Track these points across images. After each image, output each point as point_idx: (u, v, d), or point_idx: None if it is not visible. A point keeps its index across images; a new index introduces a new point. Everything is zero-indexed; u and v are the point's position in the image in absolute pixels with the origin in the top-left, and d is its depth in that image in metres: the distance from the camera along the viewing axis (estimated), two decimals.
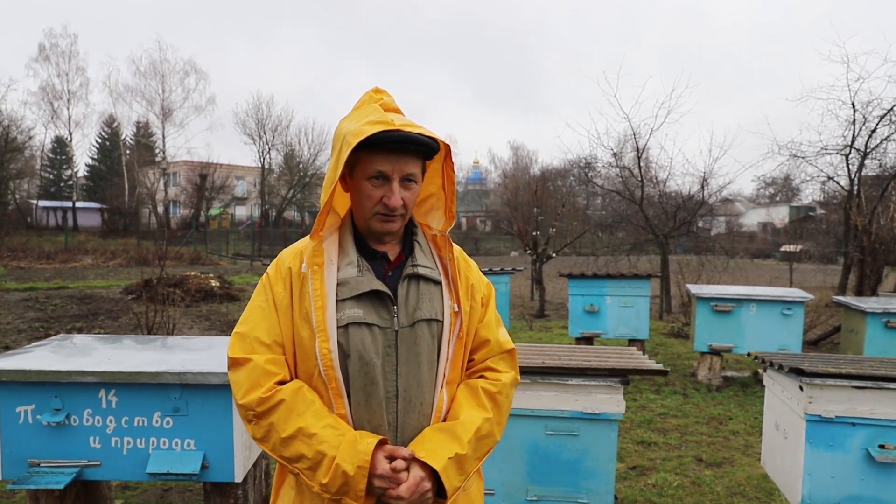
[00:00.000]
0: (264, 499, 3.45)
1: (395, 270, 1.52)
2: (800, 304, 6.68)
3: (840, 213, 13.14)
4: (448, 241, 1.58)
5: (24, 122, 48.21)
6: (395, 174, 1.44)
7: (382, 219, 1.47)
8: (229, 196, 44.77)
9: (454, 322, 1.52)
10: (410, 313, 1.48)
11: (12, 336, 8.83)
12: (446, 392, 1.53)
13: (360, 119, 1.43)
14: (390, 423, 1.46)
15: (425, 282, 1.52)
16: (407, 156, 1.45)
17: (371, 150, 1.42)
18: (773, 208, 39.94)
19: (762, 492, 4.03)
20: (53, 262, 21.43)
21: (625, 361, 3.02)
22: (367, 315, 1.45)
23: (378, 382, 1.44)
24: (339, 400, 1.44)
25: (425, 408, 1.49)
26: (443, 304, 1.52)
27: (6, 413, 2.88)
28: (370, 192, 1.46)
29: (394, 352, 1.46)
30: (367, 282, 1.47)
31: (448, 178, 1.57)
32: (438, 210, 1.61)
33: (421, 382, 1.48)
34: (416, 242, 1.56)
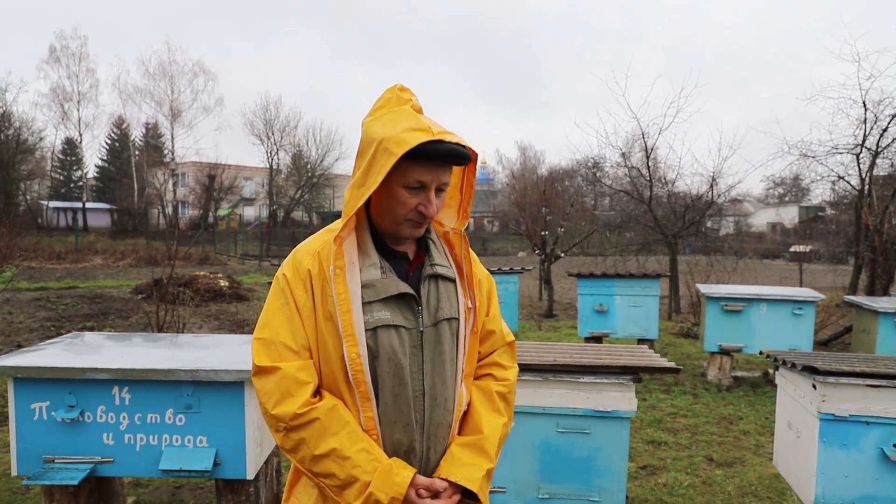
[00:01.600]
0: (275, 496, 3.46)
1: (415, 271, 1.54)
2: (811, 303, 6.64)
3: (850, 212, 13.04)
4: (463, 238, 1.59)
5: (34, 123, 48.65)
6: (433, 183, 1.44)
7: (414, 225, 1.48)
8: (237, 196, 44.93)
9: (468, 318, 1.56)
10: (433, 313, 1.51)
11: (24, 335, 8.90)
12: (465, 385, 1.58)
13: (395, 124, 1.39)
14: (417, 421, 1.48)
15: (443, 280, 1.55)
16: (445, 165, 1.45)
17: (411, 159, 1.38)
18: (782, 208, 39.66)
19: (774, 491, 4.01)
20: (64, 262, 21.59)
21: (636, 359, 3.01)
22: (394, 317, 1.46)
23: (407, 383, 1.46)
24: (366, 403, 1.44)
25: (449, 403, 1.53)
26: (457, 301, 1.56)
27: (21, 409, 2.91)
28: (405, 200, 1.44)
29: (419, 351, 1.49)
30: (394, 284, 1.47)
31: (468, 182, 1.58)
32: (451, 208, 1.61)
33: (445, 379, 1.52)
34: (431, 241, 1.58)
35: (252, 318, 10.66)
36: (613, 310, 7.67)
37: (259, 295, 13.65)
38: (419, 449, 1.49)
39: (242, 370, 2.86)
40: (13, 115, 36.40)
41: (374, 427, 1.45)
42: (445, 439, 1.54)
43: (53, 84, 44.66)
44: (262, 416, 3.09)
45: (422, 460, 1.50)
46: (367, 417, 1.45)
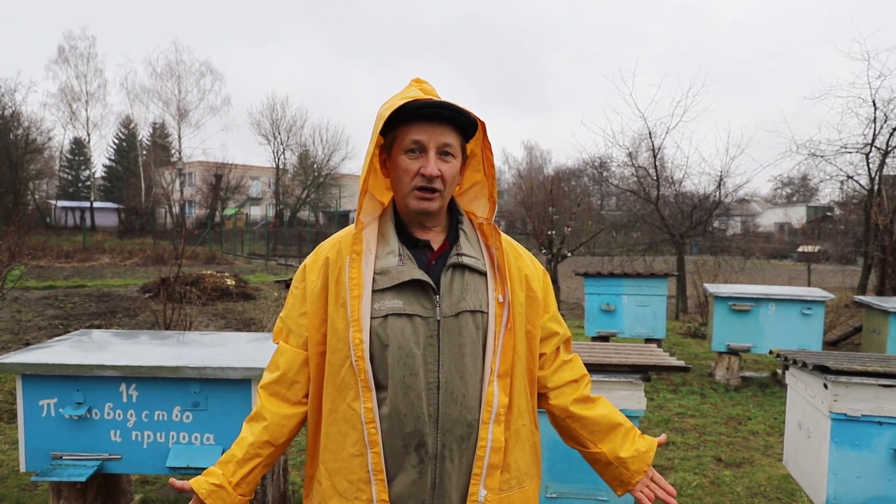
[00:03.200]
0: (282, 494, 3.45)
1: (438, 259, 1.48)
2: (820, 303, 6.59)
3: (860, 212, 12.97)
4: (495, 229, 1.52)
5: (43, 123, 49.10)
6: (431, 143, 1.41)
7: (420, 195, 1.43)
8: (244, 196, 45.09)
9: (500, 314, 1.46)
10: (454, 303, 1.43)
11: (33, 333, 8.94)
12: (498, 386, 1.45)
13: (394, 98, 1.43)
14: (430, 415, 1.41)
15: (470, 272, 1.47)
16: (443, 125, 1.42)
17: (407, 123, 1.42)
18: (790, 208, 39.48)
19: (783, 492, 3.98)
20: (72, 261, 21.71)
21: (645, 358, 2.99)
22: (407, 305, 1.41)
23: (418, 373, 1.40)
24: (366, 393, 1.40)
25: (469, 400, 1.43)
26: (488, 294, 1.47)
27: (30, 406, 2.91)
28: (407, 166, 1.43)
29: (436, 342, 1.41)
30: (408, 271, 1.42)
31: (487, 159, 1.52)
32: (483, 198, 1.56)
33: (464, 374, 1.42)
34: (462, 231, 1.51)
35: (258, 316, 10.67)
36: (620, 309, 7.64)
37: (265, 294, 13.67)
38: (431, 445, 1.41)
39: (249, 368, 2.85)
40: (22, 115, 36.71)
41: (372, 419, 1.40)
42: (465, 440, 1.43)
43: (62, 84, 45.04)
44: None
45: (435, 458, 1.42)
46: (366, 409, 1.40)
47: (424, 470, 1.42)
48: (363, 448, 1.42)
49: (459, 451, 1.43)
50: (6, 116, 35.38)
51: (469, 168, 1.55)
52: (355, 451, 1.43)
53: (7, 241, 7.78)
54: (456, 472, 1.43)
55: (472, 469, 1.44)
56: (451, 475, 1.43)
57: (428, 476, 1.42)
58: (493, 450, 1.45)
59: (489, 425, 1.44)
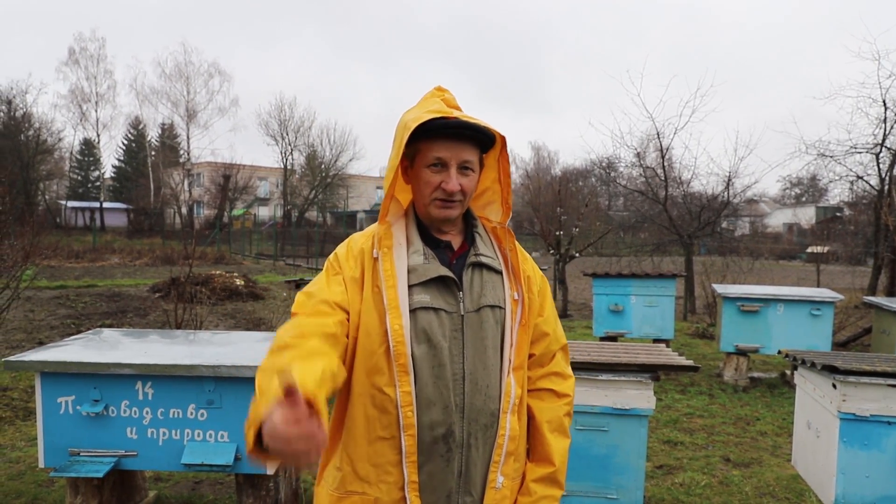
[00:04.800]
0: (294, 491, 3.49)
1: (458, 259, 1.57)
2: (829, 304, 6.58)
3: (869, 213, 12.90)
4: (509, 232, 1.62)
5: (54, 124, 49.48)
6: (452, 160, 1.49)
7: (441, 204, 1.52)
8: (252, 197, 45.23)
9: (515, 309, 1.56)
10: (476, 299, 1.52)
11: (45, 332, 9.03)
12: (514, 378, 1.55)
13: (419, 109, 1.51)
14: (457, 405, 1.48)
15: (488, 270, 1.56)
16: (464, 143, 1.50)
17: (430, 139, 1.49)
18: (799, 209, 39.25)
19: (792, 492, 3.99)
20: (82, 261, 21.88)
21: (655, 358, 3.01)
22: (434, 300, 1.49)
23: (446, 364, 1.47)
24: (404, 377, 1.45)
25: (491, 391, 1.52)
26: (504, 292, 1.57)
27: (48, 403, 2.97)
28: (429, 179, 1.51)
29: (460, 335, 1.50)
30: (435, 268, 1.51)
31: (504, 170, 1.61)
32: (495, 203, 1.66)
33: (487, 365, 1.51)
34: (477, 234, 1.61)
35: (268, 316, 10.74)
36: (629, 310, 7.64)
37: (274, 294, 13.75)
38: (458, 434, 1.48)
39: None
40: (33, 117, 37.02)
41: (409, 402, 1.45)
42: (489, 429, 1.51)
43: (72, 85, 45.30)
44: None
45: (462, 447, 1.49)
46: (403, 392, 1.45)
47: (452, 458, 1.49)
48: (395, 431, 1.47)
49: (484, 440, 1.52)
50: (17, 118, 35.70)
51: (482, 174, 1.62)
52: (385, 434, 1.48)
53: (21, 241, 7.86)
54: (480, 461, 1.52)
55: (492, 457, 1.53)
56: (477, 463, 1.51)
57: (455, 464, 1.49)
58: (511, 438, 1.55)
59: (507, 415, 1.54)
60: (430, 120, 1.44)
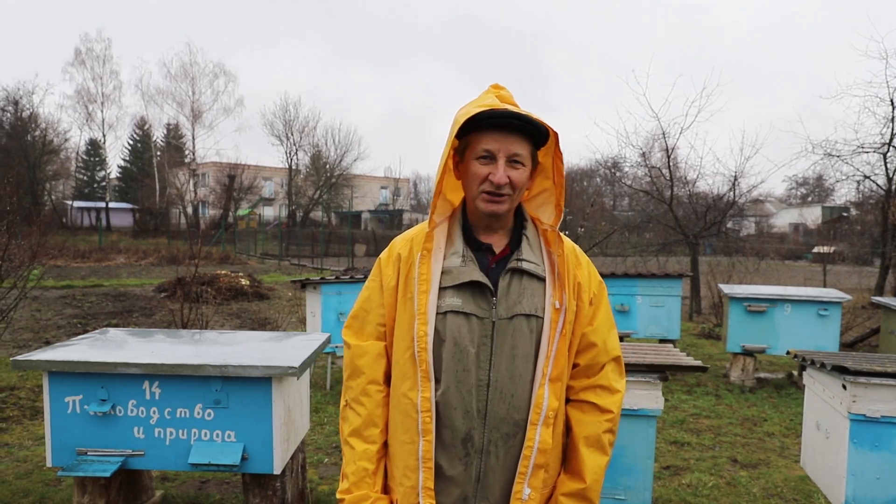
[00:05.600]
0: (301, 491, 3.49)
1: (499, 263, 1.54)
2: (837, 304, 6.54)
3: (877, 213, 12.83)
4: (559, 237, 1.56)
5: (60, 125, 49.69)
6: (501, 152, 1.46)
7: (488, 198, 1.48)
8: (257, 196, 45.35)
9: (556, 319, 1.50)
10: (510, 306, 1.49)
11: (52, 332, 9.07)
12: (549, 390, 1.50)
13: (473, 104, 1.48)
14: (479, 411, 1.48)
15: (528, 277, 1.52)
16: (513, 135, 1.47)
17: (480, 131, 1.47)
18: (805, 209, 39.09)
19: (800, 493, 3.96)
20: (88, 261, 21.98)
21: (662, 358, 2.99)
22: (465, 304, 1.48)
23: (470, 370, 1.47)
24: (426, 383, 1.47)
25: (517, 400, 1.49)
26: (545, 300, 1.51)
27: (56, 403, 2.97)
28: (477, 171, 1.48)
29: (489, 342, 1.48)
30: (469, 272, 1.49)
31: (557, 168, 1.56)
32: (550, 205, 1.60)
33: (514, 375, 1.48)
34: (525, 236, 1.56)
35: (273, 316, 10.76)
36: (635, 310, 7.62)
37: (279, 294, 13.77)
38: (478, 440, 1.47)
39: (270, 366, 2.89)
40: (39, 117, 37.25)
41: (429, 409, 1.47)
42: (512, 438, 1.49)
43: (78, 86, 45.46)
44: (290, 409, 3.14)
45: (481, 453, 1.48)
46: (424, 398, 1.47)
47: (470, 463, 1.49)
48: (415, 436, 1.48)
49: (505, 448, 1.50)
50: (24, 118, 35.90)
51: (539, 175, 1.59)
52: (406, 438, 1.50)
53: (28, 241, 7.90)
54: (500, 468, 1.50)
55: (516, 467, 1.50)
56: (496, 470, 1.50)
57: (473, 469, 1.49)
58: (541, 451, 1.50)
59: (538, 426, 1.49)
60: (478, 113, 1.42)
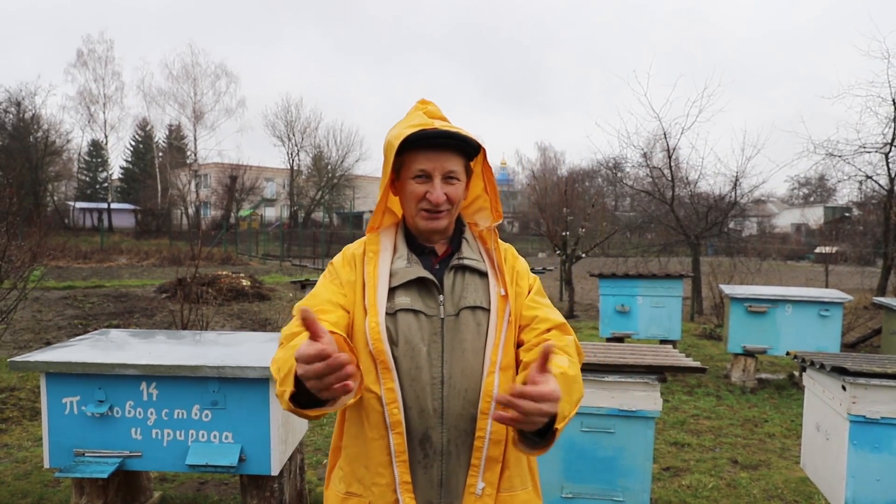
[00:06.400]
0: (299, 492, 3.49)
1: (441, 262, 1.59)
2: (838, 305, 6.52)
3: (879, 213, 12.80)
4: (493, 232, 1.65)
5: (62, 126, 49.72)
6: (436, 171, 1.51)
7: (427, 216, 1.54)
8: (259, 197, 45.36)
9: (503, 307, 1.53)
10: (456, 302, 1.52)
11: (53, 332, 9.08)
12: (500, 377, 1.48)
13: (401, 125, 1.54)
14: (435, 409, 1.46)
15: (471, 273, 1.56)
16: (447, 153, 1.52)
17: (413, 151, 1.52)
18: (807, 209, 39.01)
19: (801, 495, 3.95)
20: (90, 262, 22.00)
21: (661, 359, 2.98)
22: (414, 302, 1.50)
23: (423, 367, 1.46)
24: (386, 374, 1.45)
25: (470, 394, 1.48)
26: (489, 292, 1.55)
27: (53, 404, 2.97)
28: (414, 190, 1.53)
29: (440, 339, 1.49)
30: (415, 270, 1.53)
31: (488, 179, 1.64)
32: (485, 210, 1.68)
33: (465, 369, 1.48)
34: (465, 239, 1.62)
35: (274, 317, 10.76)
36: (636, 310, 7.61)
37: (280, 294, 13.77)
38: (436, 440, 1.45)
39: (267, 367, 2.88)
40: (42, 118, 37.28)
41: (394, 399, 1.44)
42: (470, 435, 1.46)
43: (80, 87, 45.52)
44: (285, 413, 3.12)
45: (441, 454, 1.46)
46: (387, 389, 1.45)
47: (430, 465, 1.45)
48: (384, 431, 1.45)
49: (465, 448, 1.46)
50: (26, 119, 35.94)
51: (471, 183, 1.65)
52: (374, 434, 1.46)
53: (29, 242, 7.91)
54: (462, 470, 1.46)
55: None
56: (458, 472, 1.46)
57: (434, 472, 1.45)
58: (494, 442, 1.46)
59: (489, 416, 1.45)
60: (410, 134, 1.46)
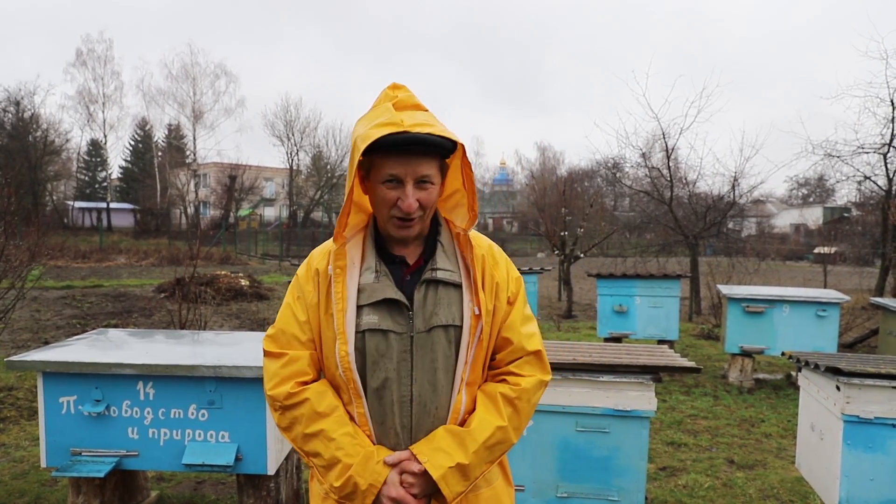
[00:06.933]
0: (295, 492, 3.49)
1: (413, 274, 1.50)
2: (835, 305, 6.53)
3: (877, 213, 12.81)
4: (469, 240, 1.53)
5: (61, 125, 49.70)
6: (407, 177, 1.40)
7: (399, 223, 1.45)
8: (258, 197, 45.37)
9: (475, 325, 1.47)
10: (427, 319, 1.46)
11: (51, 332, 9.08)
12: (466, 394, 1.50)
13: (369, 121, 1.40)
14: (404, 426, 1.47)
15: (444, 286, 1.49)
16: (419, 157, 1.40)
17: (383, 154, 1.40)
18: (806, 209, 39.02)
19: (796, 495, 3.96)
20: (89, 262, 21.99)
21: (656, 359, 2.99)
22: (382, 321, 1.45)
23: (391, 387, 1.46)
24: (357, 399, 1.47)
25: (440, 411, 1.48)
26: (462, 308, 1.48)
27: (50, 403, 2.97)
28: (384, 196, 1.43)
29: (409, 357, 1.46)
30: (383, 289, 1.46)
31: (467, 176, 1.52)
32: (463, 207, 1.56)
33: (436, 387, 1.47)
34: (440, 243, 1.53)
35: (272, 316, 10.76)
36: (633, 311, 7.62)
37: (279, 294, 13.78)
38: None
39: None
40: (41, 118, 37.25)
41: (366, 423, 1.48)
42: None
43: (80, 87, 45.45)
44: None
45: None
46: (359, 413, 1.48)
47: None
48: None
49: None
50: (25, 119, 35.92)
51: (449, 176, 1.54)
52: None
53: (27, 242, 7.91)
54: None
55: None
56: None
57: None
58: None
59: None
60: (380, 138, 1.34)
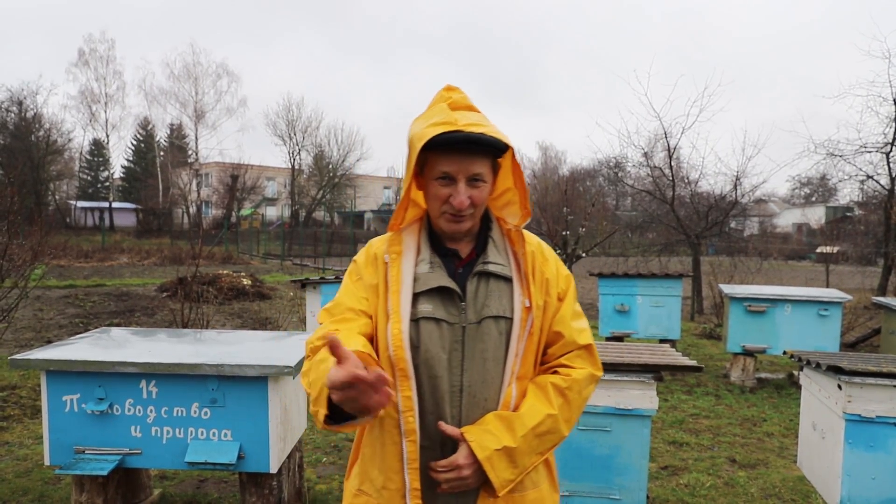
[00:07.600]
0: (297, 490, 3.50)
1: (465, 267, 1.54)
2: (837, 304, 6.53)
3: (880, 212, 12.80)
4: (521, 235, 1.57)
5: (63, 125, 49.90)
6: (460, 174, 1.45)
7: (450, 219, 1.49)
8: (260, 197, 45.42)
9: (525, 318, 1.50)
10: (479, 310, 1.48)
11: (54, 331, 9.10)
12: (516, 387, 1.50)
13: (427, 120, 1.46)
14: (453, 416, 1.46)
15: (495, 279, 1.51)
16: (473, 156, 1.45)
17: (437, 151, 1.45)
18: (808, 209, 38.96)
19: (798, 494, 3.96)
20: (91, 261, 22.04)
21: (658, 358, 3.00)
22: (436, 310, 1.47)
23: (442, 376, 1.45)
24: (405, 382, 1.44)
25: (490, 403, 1.48)
26: (513, 301, 1.51)
27: (53, 401, 2.99)
28: (437, 192, 1.48)
29: (460, 347, 1.47)
30: (437, 278, 1.49)
31: (517, 176, 1.56)
32: (514, 205, 1.60)
33: (486, 378, 1.48)
34: (491, 238, 1.56)
35: (274, 316, 10.77)
36: (635, 310, 7.62)
37: (281, 294, 13.79)
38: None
39: (266, 365, 2.91)
40: (43, 117, 37.34)
41: (410, 408, 1.44)
42: None
43: (82, 86, 45.69)
44: (287, 408, 3.13)
45: None
46: (404, 397, 1.44)
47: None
48: (397, 437, 1.46)
49: None
50: (28, 119, 36.00)
51: (500, 175, 1.58)
52: (388, 439, 1.48)
53: (30, 241, 7.93)
54: None
55: None
56: None
57: None
58: None
59: None
60: (436, 136, 1.39)
